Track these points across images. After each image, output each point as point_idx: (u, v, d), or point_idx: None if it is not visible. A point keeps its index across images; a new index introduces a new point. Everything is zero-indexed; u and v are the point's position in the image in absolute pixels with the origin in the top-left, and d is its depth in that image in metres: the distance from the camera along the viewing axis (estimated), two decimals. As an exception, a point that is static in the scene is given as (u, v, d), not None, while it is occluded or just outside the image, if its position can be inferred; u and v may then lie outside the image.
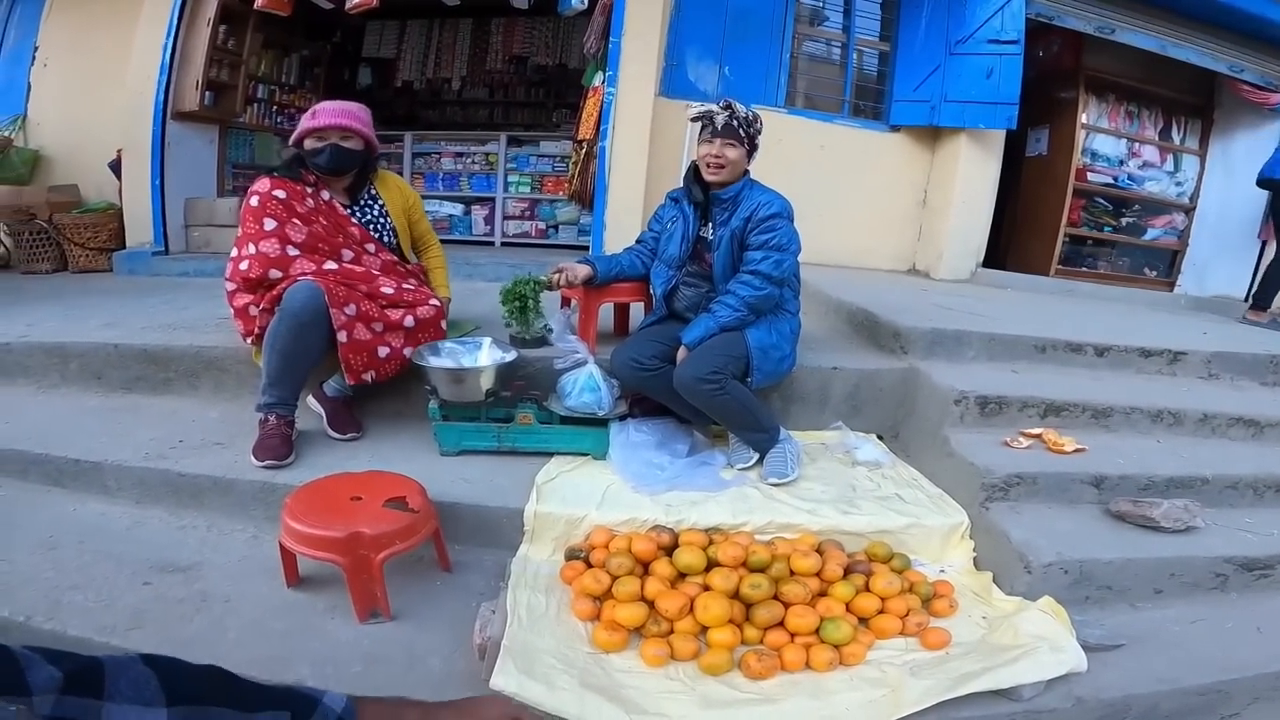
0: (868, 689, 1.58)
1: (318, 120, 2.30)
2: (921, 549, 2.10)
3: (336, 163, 2.32)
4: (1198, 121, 5.66)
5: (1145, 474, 2.25)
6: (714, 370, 2.12)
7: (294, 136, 2.37)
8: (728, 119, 2.22)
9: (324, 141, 2.30)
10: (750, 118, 2.26)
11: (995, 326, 2.93)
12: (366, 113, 2.41)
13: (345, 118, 2.31)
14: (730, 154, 2.23)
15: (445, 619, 1.70)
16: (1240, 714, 1.78)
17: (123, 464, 2.12)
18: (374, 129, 2.44)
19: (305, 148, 2.33)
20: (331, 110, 2.32)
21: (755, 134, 2.28)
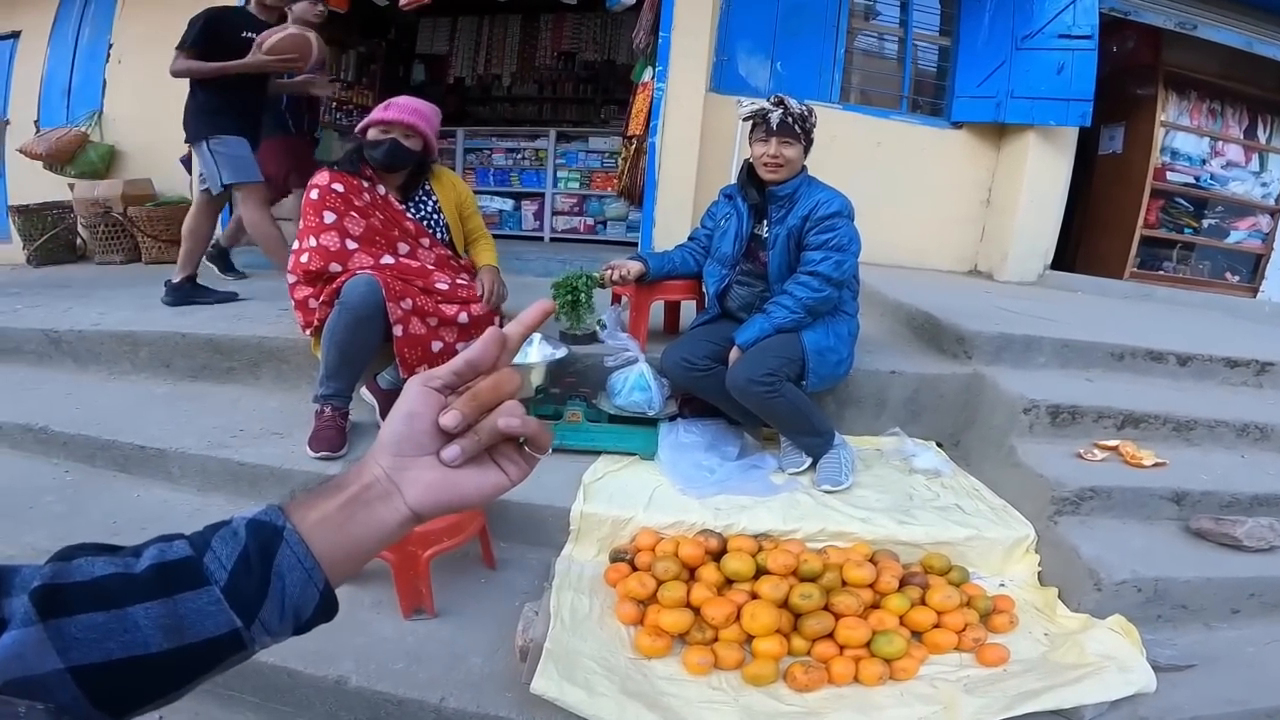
0: (919, 705, 1.52)
1: (388, 114, 2.30)
2: (981, 562, 2.02)
3: (392, 158, 2.32)
4: (1285, 120, 5.30)
5: (1229, 491, 2.13)
6: (768, 372, 2.06)
7: (361, 124, 2.37)
8: (782, 117, 2.15)
9: (386, 135, 2.30)
10: (805, 113, 2.18)
11: (1067, 332, 2.78)
12: (437, 116, 2.43)
13: (414, 116, 2.32)
14: (788, 153, 2.16)
15: (488, 618, 1.69)
16: None
17: (186, 451, 2.18)
18: (438, 131, 2.45)
19: (368, 138, 2.33)
20: (403, 106, 2.33)
21: (811, 129, 2.20)
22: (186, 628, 0.44)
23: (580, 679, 1.46)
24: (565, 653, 1.51)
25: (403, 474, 0.48)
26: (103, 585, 0.44)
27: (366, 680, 1.48)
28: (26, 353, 2.86)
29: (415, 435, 0.49)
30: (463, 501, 0.50)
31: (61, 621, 0.42)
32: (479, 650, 1.59)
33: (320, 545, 0.47)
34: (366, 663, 1.52)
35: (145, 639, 0.43)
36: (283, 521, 0.47)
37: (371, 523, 0.48)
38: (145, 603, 0.43)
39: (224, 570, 0.45)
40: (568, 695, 1.41)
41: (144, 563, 0.45)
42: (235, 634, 0.45)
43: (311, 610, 0.48)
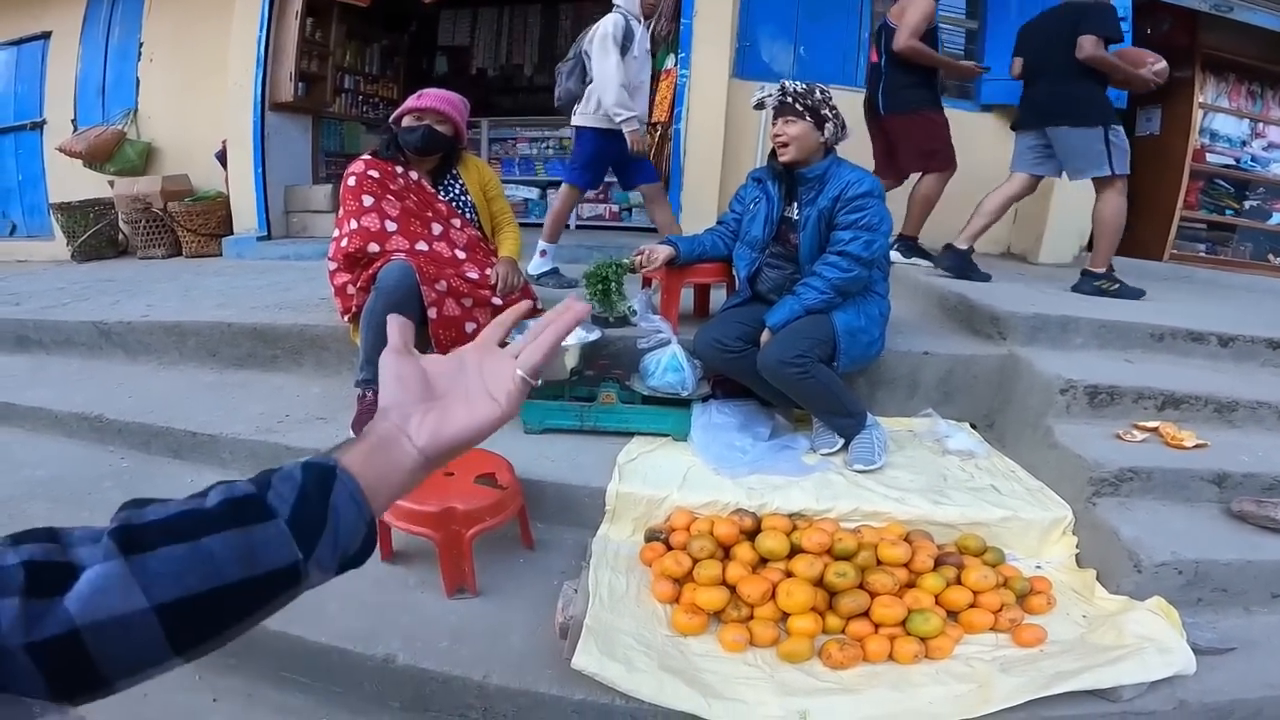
0: (954, 683, 1.53)
1: (421, 102, 2.43)
2: (1017, 543, 2.01)
3: (426, 143, 2.43)
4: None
5: (1271, 473, 2.08)
6: (799, 354, 2.07)
7: (396, 113, 2.48)
8: (780, 98, 2.18)
9: (421, 122, 2.42)
10: (804, 90, 2.18)
11: (1105, 312, 2.74)
12: (466, 106, 2.55)
13: (446, 104, 2.44)
14: (791, 130, 2.16)
15: (527, 596, 1.73)
16: None
17: (236, 437, 2.26)
18: (467, 120, 2.57)
19: (402, 125, 2.44)
20: (435, 95, 2.45)
21: (817, 105, 2.18)
22: (257, 558, 0.47)
23: (620, 655, 1.49)
24: (604, 629, 1.55)
25: (407, 422, 0.55)
26: (178, 521, 0.47)
27: (413, 658, 1.53)
28: (78, 344, 2.97)
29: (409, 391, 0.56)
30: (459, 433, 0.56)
31: (144, 557, 0.44)
32: (520, 628, 1.62)
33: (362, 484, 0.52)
34: (412, 641, 1.57)
35: (222, 569, 0.45)
36: (333, 462, 0.52)
37: (392, 465, 0.54)
38: (221, 533, 0.46)
39: (286, 505, 0.49)
40: (608, 670, 1.44)
41: (213, 499, 0.49)
42: (295, 567, 0.48)
43: (358, 544, 0.52)
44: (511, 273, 2.48)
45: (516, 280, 2.48)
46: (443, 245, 2.45)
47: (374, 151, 2.49)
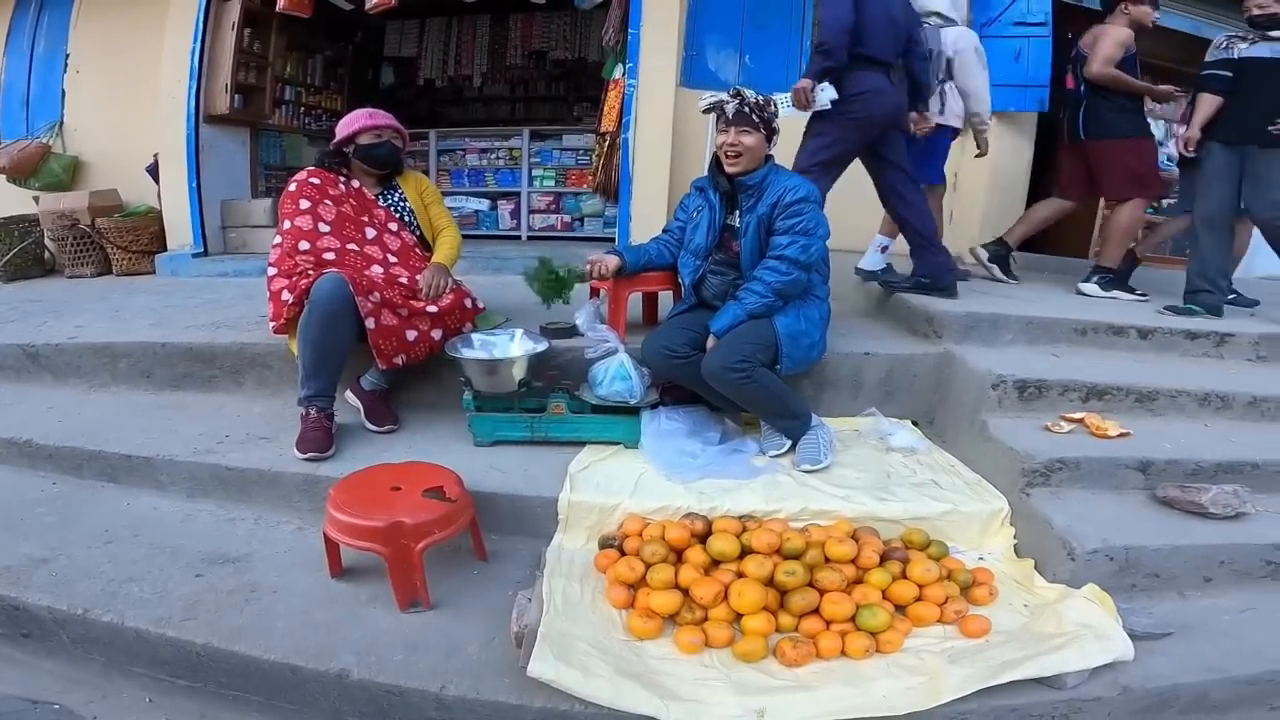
0: (905, 677, 1.56)
1: (376, 120, 2.57)
2: (959, 536, 2.07)
3: (391, 156, 2.62)
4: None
5: (1193, 459, 2.18)
6: (741, 359, 2.12)
7: (349, 132, 2.55)
8: (738, 106, 2.22)
9: (382, 139, 2.57)
10: (761, 102, 2.24)
11: (1032, 309, 2.87)
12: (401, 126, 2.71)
13: (395, 122, 2.63)
14: (746, 140, 2.22)
15: (483, 608, 1.73)
16: None
17: (173, 459, 2.19)
18: None
19: (361, 142, 2.56)
20: (385, 114, 2.62)
21: (770, 118, 2.25)
22: None
23: (576, 661, 1.50)
24: (559, 636, 1.55)
25: None
26: None
27: (368, 673, 1.51)
28: (4, 368, 2.85)
29: None
30: None
31: None
32: (475, 639, 1.62)
33: None
34: (366, 655, 1.55)
35: None
36: None
37: None
38: None
39: None
40: (564, 677, 1.45)
41: None
42: None
43: None
44: (437, 276, 2.48)
45: (441, 284, 2.47)
46: (374, 249, 2.50)
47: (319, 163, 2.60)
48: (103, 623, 1.65)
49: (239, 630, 1.61)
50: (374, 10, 4.18)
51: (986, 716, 1.51)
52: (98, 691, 1.63)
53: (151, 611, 1.66)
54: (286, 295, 2.28)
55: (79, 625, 1.67)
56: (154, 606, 1.68)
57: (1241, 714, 1.69)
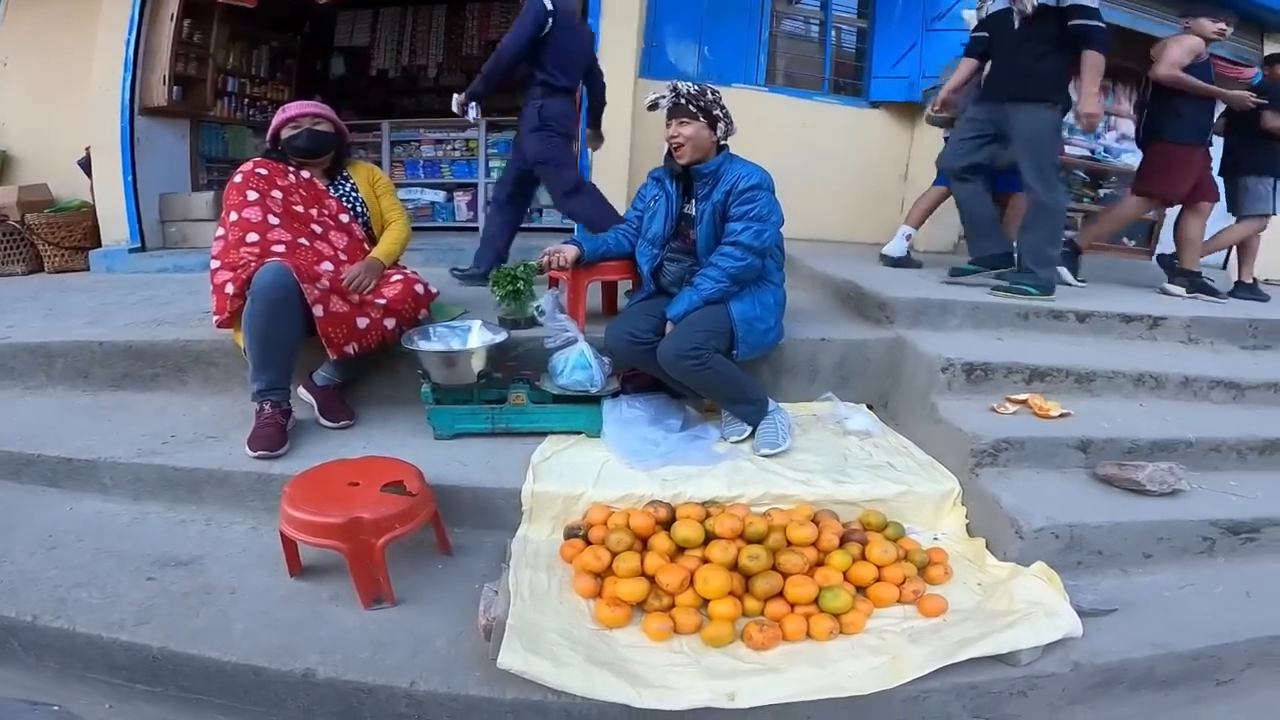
0: (869, 657, 1.60)
1: (289, 113, 2.51)
2: (914, 517, 2.13)
3: (314, 143, 2.51)
4: (1172, 96, 5.73)
5: (1130, 437, 2.27)
6: (695, 346, 2.14)
7: (270, 133, 2.55)
8: (674, 99, 2.25)
9: (299, 129, 2.50)
10: (695, 92, 2.26)
11: (978, 295, 2.97)
12: (330, 110, 2.61)
13: (313, 108, 2.55)
14: (685, 131, 2.24)
15: (449, 602, 1.71)
16: (1235, 679, 1.79)
17: (117, 460, 2.11)
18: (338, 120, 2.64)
19: (283, 137, 2.51)
20: (300, 105, 2.56)
21: (709, 105, 2.26)
22: None
23: (545, 651, 1.50)
24: (528, 627, 1.55)
25: None
26: None
27: (335, 671, 1.48)
28: (-69, 372, 2.68)
29: None
30: None
31: None
32: (443, 634, 1.60)
33: None
34: (332, 653, 1.52)
35: None
36: None
37: None
38: None
39: None
40: (534, 667, 1.44)
41: None
42: None
43: None
44: (363, 274, 2.37)
45: (365, 283, 2.36)
46: (324, 245, 2.45)
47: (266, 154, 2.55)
48: (53, 629, 1.59)
49: (197, 633, 1.57)
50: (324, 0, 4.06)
51: (949, 694, 1.56)
52: (54, 699, 1.56)
53: (103, 616, 1.60)
54: (230, 288, 2.20)
55: (29, 632, 1.61)
56: (105, 611, 1.62)
57: (1189, 689, 1.74)
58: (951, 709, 1.58)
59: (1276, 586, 1.98)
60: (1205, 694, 1.75)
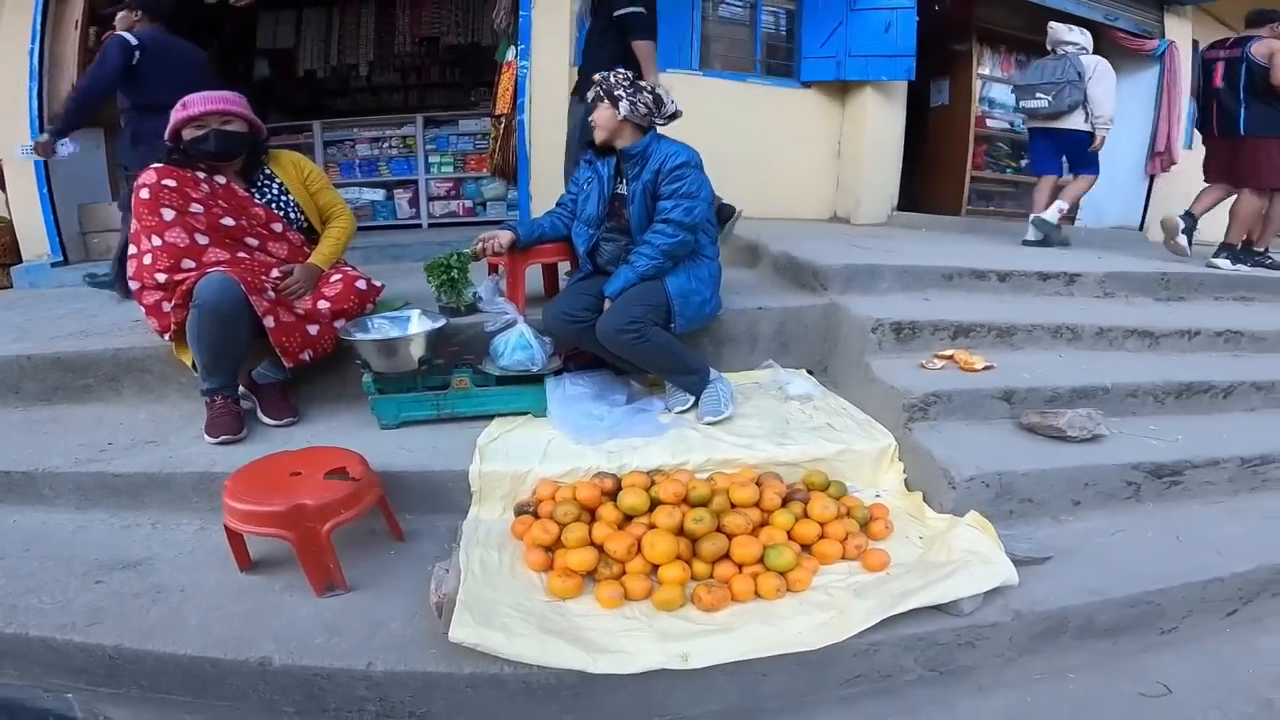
0: (817, 613, 1.63)
1: (190, 110, 2.24)
2: (855, 474, 2.19)
3: (223, 147, 2.27)
4: (1083, 69, 6.01)
5: (1050, 386, 2.37)
6: (631, 320, 2.20)
7: (168, 131, 2.29)
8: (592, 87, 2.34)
9: (204, 129, 2.25)
10: (601, 78, 2.34)
11: (906, 260, 3.09)
12: (241, 97, 2.37)
13: (219, 103, 2.27)
14: (596, 115, 2.33)
15: (403, 585, 1.72)
16: (1179, 627, 1.81)
17: (55, 470, 2.07)
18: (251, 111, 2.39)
19: (185, 138, 2.26)
20: (203, 98, 2.26)
21: (610, 87, 2.32)
22: None
23: (498, 623, 1.51)
24: (479, 602, 1.57)
25: None
26: None
27: (290, 658, 1.49)
28: None
29: None
30: None
31: None
32: (398, 616, 1.61)
33: None
34: (287, 641, 1.52)
35: None
36: None
37: None
38: None
39: None
40: (488, 639, 1.46)
41: None
42: None
43: None
44: (299, 283, 2.31)
45: (301, 290, 2.31)
46: (265, 256, 2.34)
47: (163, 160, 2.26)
48: (7, 634, 1.56)
49: (150, 630, 1.56)
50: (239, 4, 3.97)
51: (898, 646, 1.60)
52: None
53: (54, 620, 1.59)
54: (166, 305, 2.14)
55: (-19, 641, 1.57)
56: (56, 615, 1.60)
57: (1134, 639, 1.76)
58: (903, 661, 1.62)
59: (1204, 530, 2.02)
60: (1151, 643, 1.77)
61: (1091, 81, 4.11)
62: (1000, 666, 1.67)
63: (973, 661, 1.66)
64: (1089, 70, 4.12)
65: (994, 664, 1.67)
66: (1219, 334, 2.98)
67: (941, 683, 1.64)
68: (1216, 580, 1.83)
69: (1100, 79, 4.13)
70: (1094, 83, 4.11)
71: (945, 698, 1.60)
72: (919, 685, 1.63)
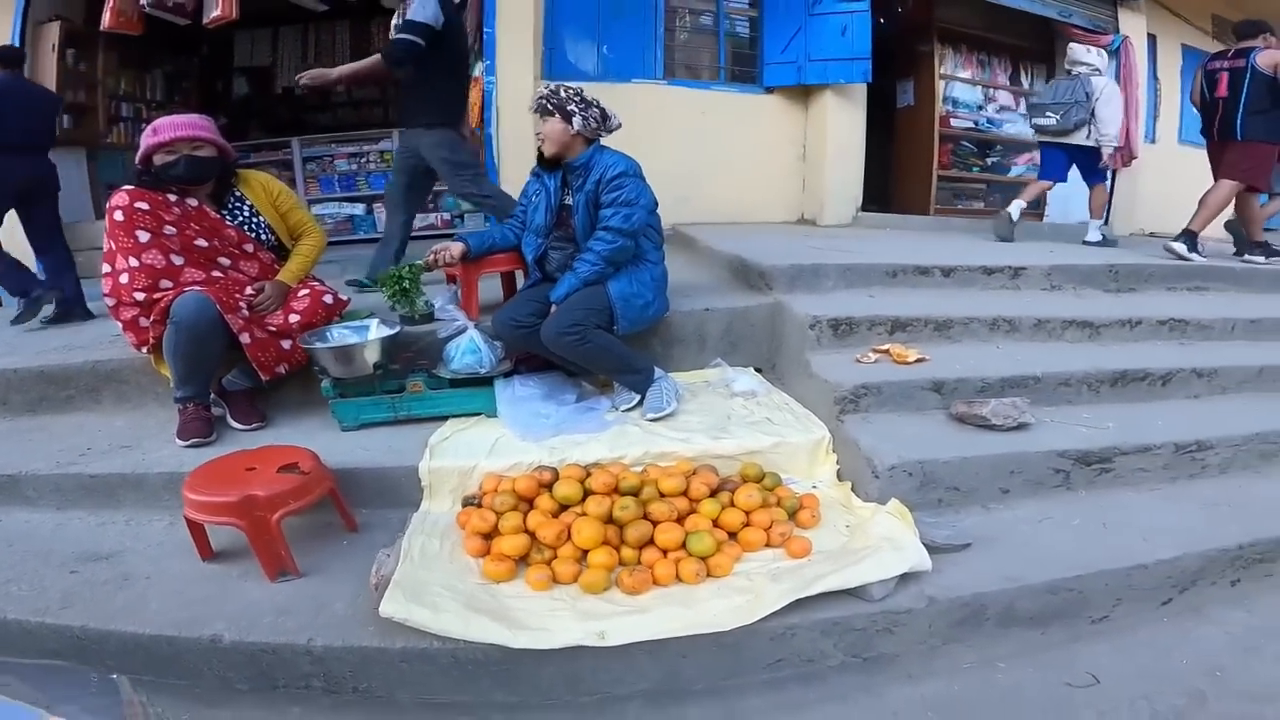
0: (734, 596, 1.70)
1: (161, 136, 2.32)
2: (791, 467, 2.27)
3: (193, 171, 2.35)
4: (1043, 66, 6.16)
5: (980, 376, 2.44)
6: (573, 323, 2.32)
7: (139, 155, 2.37)
8: (536, 101, 2.46)
9: (174, 155, 2.32)
10: (550, 92, 2.46)
11: (851, 258, 3.20)
12: (210, 121, 2.45)
13: (189, 129, 2.34)
14: (544, 127, 2.45)
15: (352, 572, 1.84)
16: (1110, 616, 1.82)
17: (37, 473, 2.22)
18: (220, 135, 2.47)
19: (155, 163, 2.34)
20: (173, 124, 2.35)
21: (562, 102, 2.44)
22: None
23: (428, 601, 1.62)
24: (413, 582, 1.69)
25: None
26: None
27: (239, 635, 1.62)
28: None
29: None
30: None
31: None
32: (343, 598, 1.74)
33: None
34: (237, 621, 1.66)
35: None
36: None
37: None
38: None
39: None
40: (415, 615, 1.58)
41: None
42: None
43: None
44: (270, 298, 2.43)
45: (270, 306, 2.43)
46: (237, 274, 2.46)
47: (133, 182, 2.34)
48: None
49: (115, 612, 1.70)
50: (211, 24, 4.13)
51: (813, 630, 1.66)
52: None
53: (30, 605, 1.74)
54: (143, 320, 2.27)
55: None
56: (32, 601, 1.76)
57: (1064, 628, 1.78)
58: (823, 646, 1.67)
59: (1133, 517, 2.04)
60: (1083, 633, 1.78)
61: (1099, 103, 4.47)
62: (927, 655, 1.71)
63: (895, 649, 1.70)
64: (1097, 91, 4.49)
65: (919, 652, 1.71)
66: (1162, 323, 3.04)
67: (867, 670, 1.68)
68: (1140, 567, 1.85)
69: (1108, 101, 4.50)
70: (1101, 104, 4.48)
71: (873, 685, 1.64)
72: (844, 672, 1.68)
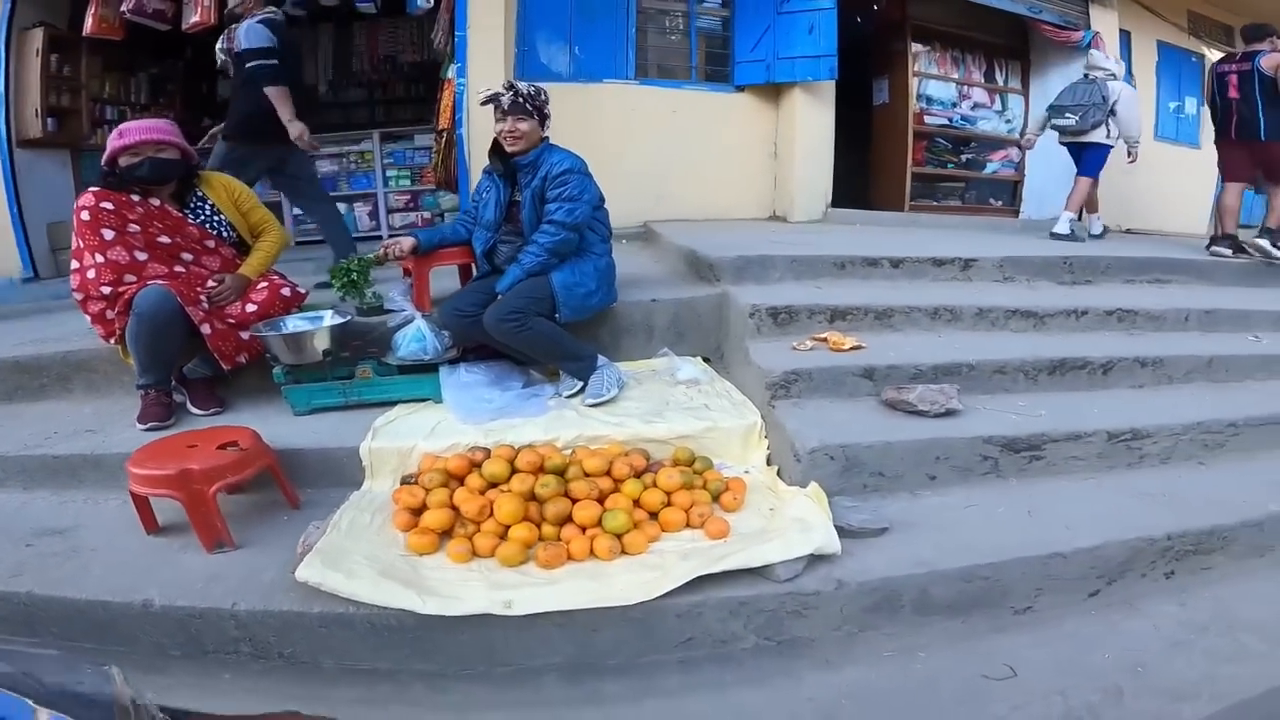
0: (644, 572, 1.76)
1: (126, 139, 2.41)
2: (724, 452, 2.33)
3: (157, 173, 2.45)
4: (1017, 63, 6.21)
5: (912, 363, 2.48)
6: (513, 310, 2.42)
7: (105, 157, 2.46)
8: (513, 98, 2.52)
9: (139, 157, 2.42)
10: (533, 92, 2.55)
11: (800, 250, 3.28)
12: (175, 126, 2.58)
13: (154, 133, 2.45)
14: (522, 126, 2.53)
15: (286, 545, 1.91)
16: (1034, 607, 1.81)
17: (4, 455, 2.35)
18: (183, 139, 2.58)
19: (120, 165, 2.43)
20: (138, 128, 2.46)
21: (542, 105, 2.56)
22: None
23: (344, 568, 1.71)
24: (334, 550, 1.79)
25: None
26: None
27: (169, 600, 1.73)
28: None
29: None
30: None
31: None
32: (273, 568, 1.83)
33: None
34: (170, 588, 1.76)
35: None
36: None
37: None
38: None
39: None
40: (329, 580, 1.66)
41: None
42: None
43: None
44: (230, 289, 2.53)
45: (230, 297, 2.53)
46: (199, 269, 2.57)
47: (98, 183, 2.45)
48: None
49: (60, 580, 1.81)
50: (191, 30, 4.25)
51: (720, 608, 1.69)
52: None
53: (-17, 575, 1.84)
54: (109, 313, 2.38)
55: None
56: (-14, 572, 1.85)
57: (986, 618, 1.77)
58: (733, 627, 1.70)
59: (1061, 505, 2.02)
60: (1006, 623, 1.77)
61: (1119, 105, 4.70)
62: (845, 642, 1.72)
63: (810, 633, 1.72)
64: (1113, 95, 4.70)
65: (836, 638, 1.72)
66: (1110, 313, 3.08)
67: (783, 654, 1.70)
68: (1058, 555, 1.82)
69: (1126, 104, 4.73)
70: (1121, 106, 4.71)
71: (791, 669, 1.66)
72: (760, 655, 1.70)
